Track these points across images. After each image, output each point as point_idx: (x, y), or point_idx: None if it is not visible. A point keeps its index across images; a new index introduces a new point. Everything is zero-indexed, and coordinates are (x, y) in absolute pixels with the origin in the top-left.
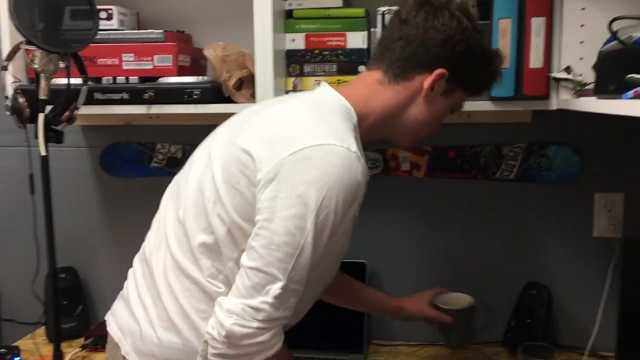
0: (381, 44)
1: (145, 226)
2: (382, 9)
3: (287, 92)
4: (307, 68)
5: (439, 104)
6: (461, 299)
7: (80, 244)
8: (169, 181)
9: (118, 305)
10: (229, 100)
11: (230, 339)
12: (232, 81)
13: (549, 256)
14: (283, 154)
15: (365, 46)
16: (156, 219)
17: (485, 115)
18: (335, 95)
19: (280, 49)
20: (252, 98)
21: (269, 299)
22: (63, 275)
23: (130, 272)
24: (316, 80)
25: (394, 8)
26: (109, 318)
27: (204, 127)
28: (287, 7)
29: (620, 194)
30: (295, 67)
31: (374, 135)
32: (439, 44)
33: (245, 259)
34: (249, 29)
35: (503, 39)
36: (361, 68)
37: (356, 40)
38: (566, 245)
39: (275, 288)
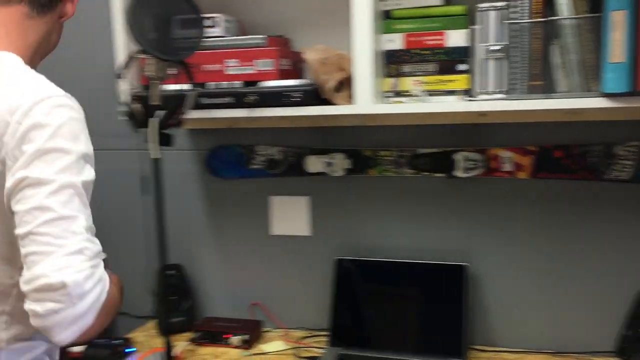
0: None
1: (247, 225)
2: (483, 5)
3: (385, 92)
4: (405, 68)
5: (63, 25)
6: None
7: (187, 241)
8: (269, 182)
9: None
10: (328, 102)
11: (76, 289)
12: (331, 83)
13: None
14: None
15: (466, 44)
16: None
17: (595, 112)
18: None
19: (378, 49)
20: (350, 99)
21: (82, 235)
22: (171, 272)
23: None
24: (415, 81)
25: (498, 4)
26: None
27: (302, 129)
28: (385, 8)
29: None
30: (394, 67)
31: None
32: None
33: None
34: (348, 31)
35: (616, 32)
36: (461, 66)
37: (456, 38)
38: None
39: (77, 224)
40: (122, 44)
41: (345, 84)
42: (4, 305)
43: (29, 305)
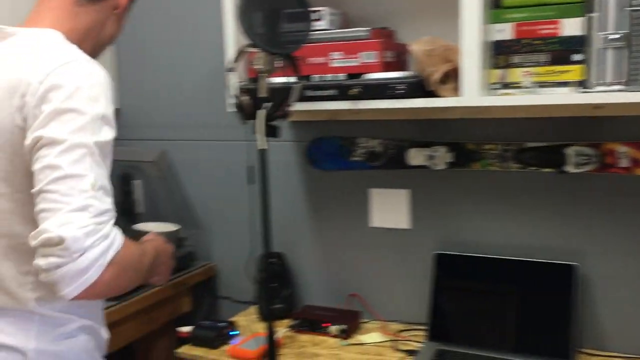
0: None
1: (346, 217)
2: None
3: (492, 84)
4: (515, 59)
5: (124, 18)
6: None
7: (288, 230)
8: (369, 174)
9: None
10: (432, 94)
11: (74, 244)
12: (437, 75)
13: None
14: None
15: (582, 33)
16: None
17: None
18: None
19: (486, 40)
20: (456, 91)
21: (89, 193)
22: (273, 260)
23: None
24: (524, 72)
25: None
26: None
27: (403, 122)
28: None
29: None
30: (502, 58)
31: None
32: None
33: (41, 183)
34: (455, 22)
35: None
36: (576, 57)
37: (572, 27)
38: None
39: (85, 182)
40: (232, 39)
41: (451, 76)
42: (29, 265)
43: (36, 261)
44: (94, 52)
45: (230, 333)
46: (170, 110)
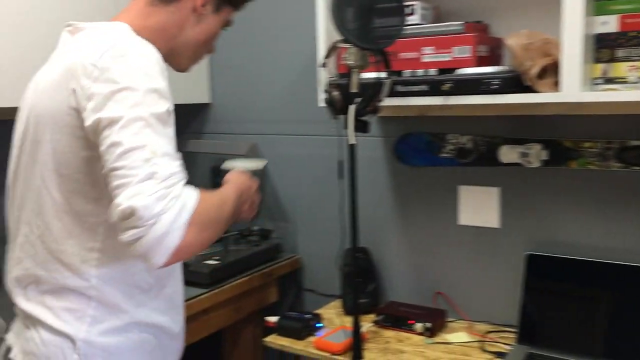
0: None
1: (434, 214)
2: None
3: (594, 79)
4: (620, 53)
5: (212, 21)
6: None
7: (374, 225)
8: (458, 171)
9: None
10: (528, 89)
11: (145, 212)
12: (535, 70)
13: None
14: None
15: None
16: None
17: None
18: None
19: (589, 33)
20: (555, 86)
21: (153, 161)
22: (358, 254)
23: None
24: (630, 66)
25: None
26: None
27: (494, 118)
28: None
29: None
30: (606, 52)
31: None
32: None
33: (108, 162)
34: (552, 15)
35: None
36: None
37: None
38: None
39: (148, 152)
40: (324, 34)
41: (549, 71)
42: (93, 242)
43: (119, 237)
44: (172, 55)
45: (316, 325)
46: (262, 105)
